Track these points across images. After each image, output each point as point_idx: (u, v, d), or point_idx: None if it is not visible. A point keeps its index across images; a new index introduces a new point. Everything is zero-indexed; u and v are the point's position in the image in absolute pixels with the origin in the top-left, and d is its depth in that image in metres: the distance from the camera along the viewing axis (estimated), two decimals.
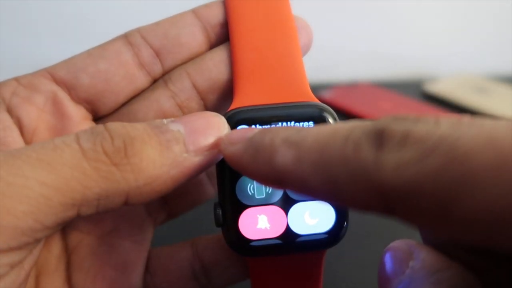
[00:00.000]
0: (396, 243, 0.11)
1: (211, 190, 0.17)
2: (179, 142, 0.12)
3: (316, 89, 0.45)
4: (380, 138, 0.09)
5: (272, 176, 0.10)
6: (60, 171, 0.11)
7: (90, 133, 0.11)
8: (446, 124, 0.09)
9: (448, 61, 0.49)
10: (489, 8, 0.48)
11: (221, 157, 0.13)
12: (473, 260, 0.10)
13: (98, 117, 0.15)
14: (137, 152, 0.11)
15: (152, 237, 0.16)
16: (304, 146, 0.10)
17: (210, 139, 0.13)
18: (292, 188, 0.11)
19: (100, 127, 0.12)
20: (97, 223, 0.15)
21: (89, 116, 0.15)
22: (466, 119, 0.09)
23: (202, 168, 0.13)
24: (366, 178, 0.09)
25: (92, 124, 0.15)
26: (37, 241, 0.11)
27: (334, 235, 0.14)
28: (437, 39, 0.50)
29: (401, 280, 0.10)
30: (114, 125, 0.12)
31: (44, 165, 0.11)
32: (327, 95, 0.42)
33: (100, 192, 0.11)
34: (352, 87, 0.44)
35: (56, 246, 0.15)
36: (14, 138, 0.14)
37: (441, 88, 0.43)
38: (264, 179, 0.11)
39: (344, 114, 0.40)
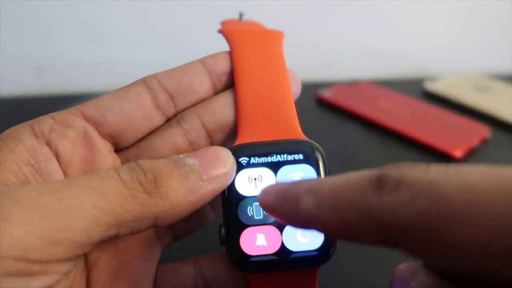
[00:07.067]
0: (402, 266, 0.14)
1: (211, 215, 0.20)
2: (195, 173, 0.15)
3: (316, 87, 0.46)
4: (380, 183, 0.11)
5: (298, 220, 0.12)
6: (107, 196, 0.13)
7: (127, 168, 0.14)
8: (434, 171, 0.10)
9: (448, 60, 0.49)
10: (489, 7, 0.48)
11: (228, 183, 0.16)
12: (464, 283, 0.12)
13: (118, 149, 0.18)
14: (164, 183, 0.14)
15: (160, 255, 0.18)
16: (322, 193, 0.12)
17: (219, 170, 0.15)
18: (315, 228, 0.12)
19: (133, 164, 0.14)
20: (112, 243, 0.17)
21: (112, 148, 0.17)
22: (452, 166, 0.10)
23: (214, 194, 0.15)
24: (370, 216, 0.11)
25: (115, 155, 0.18)
26: (83, 254, 0.13)
27: (324, 252, 0.16)
28: (437, 38, 0.50)
29: None
30: (144, 162, 0.14)
31: (95, 191, 0.13)
32: (327, 93, 0.42)
33: (136, 215, 0.13)
34: (352, 85, 0.43)
35: (80, 262, 0.16)
36: (54, 169, 0.16)
37: (442, 86, 0.43)
38: (292, 222, 0.13)
39: (344, 113, 0.40)
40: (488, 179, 0.09)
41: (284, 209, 0.13)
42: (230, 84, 0.18)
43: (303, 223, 0.12)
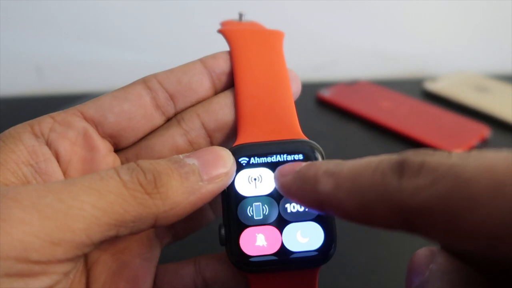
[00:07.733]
0: (421, 250, 0.13)
1: (211, 215, 0.20)
2: (195, 173, 0.15)
3: (316, 87, 0.46)
4: (401, 167, 0.11)
5: (315, 201, 0.13)
6: (107, 197, 0.13)
7: (127, 168, 0.14)
8: (456, 156, 0.10)
9: (448, 60, 0.50)
10: (489, 7, 0.48)
11: (228, 183, 0.16)
12: (483, 265, 0.12)
13: (118, 149, 0.18)
14: (164, 184, 0.14)
15: (160, 255, 0.18)
16: (341, 176, 0.12)
17: (219, 170, 0.15)
18: (330, 211, 0.12)
19: (133, 164, 0.14)
20: (112, 243, 0.17)
21: (112, 148, 0.17)
22: (474, 152, 0.10)
23: (214, 194, 0.15)
24: (391, 200, 0.11)
25: (115, 155, 0.17)
26: (83, 255, 0.13)
27: (323, 252, 0.16)
28: (437, 38, 0.50)
29: (421, 280, 0.12)
30: (144, 162, 0.14)
31: (95, 192, 0.13)
32: (327, 93, 0.42)
33: (136, 215, 0.13)
34: (352, 85, 0.43)
35: (80, 262, 0.16)
36: (54, 168, 0.16)
37: (441, 86, 0.44)
38: (308, 204, 0.13)
39: (344, 113, 0.40)
40: (510, 164, 0.09)
41: (301, 190, 0.13)
42: (230, 84, 0.18)
43: (320, 205, 0.12)
